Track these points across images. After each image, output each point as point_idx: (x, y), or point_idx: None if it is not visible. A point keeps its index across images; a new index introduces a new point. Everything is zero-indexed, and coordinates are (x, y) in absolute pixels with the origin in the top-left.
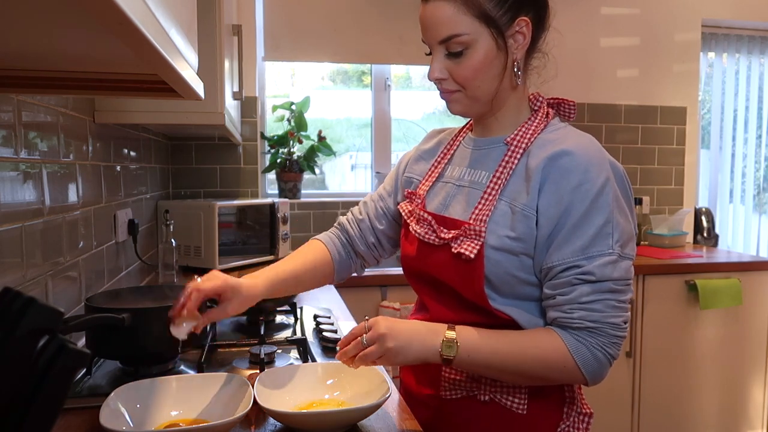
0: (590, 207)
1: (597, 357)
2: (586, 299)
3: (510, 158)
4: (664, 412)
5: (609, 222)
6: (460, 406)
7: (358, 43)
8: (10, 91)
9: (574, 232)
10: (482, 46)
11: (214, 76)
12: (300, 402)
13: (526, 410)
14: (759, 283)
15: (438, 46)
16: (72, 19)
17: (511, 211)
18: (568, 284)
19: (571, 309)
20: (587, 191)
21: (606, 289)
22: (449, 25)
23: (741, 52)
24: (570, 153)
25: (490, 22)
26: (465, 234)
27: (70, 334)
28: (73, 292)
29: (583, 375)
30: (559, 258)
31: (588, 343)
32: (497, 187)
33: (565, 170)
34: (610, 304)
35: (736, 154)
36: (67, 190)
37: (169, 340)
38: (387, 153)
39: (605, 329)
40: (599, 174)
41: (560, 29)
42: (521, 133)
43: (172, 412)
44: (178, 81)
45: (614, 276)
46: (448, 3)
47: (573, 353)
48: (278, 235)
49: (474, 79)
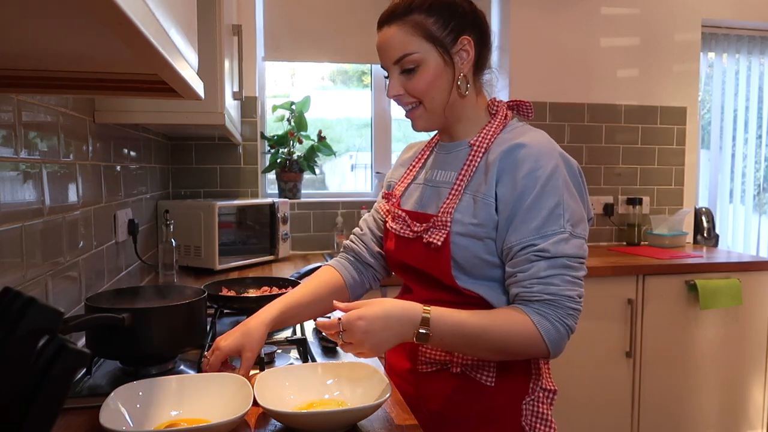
0: (542, 191)
1: (557, 328)
2: (543, 274)
3: (473, 157)
4: (664, 412)
5: (560, 204)
6: (435, 378)
7: (358, 43)
8: (10, 91)
9: (528, 214)
10: (431, 63)
11: (214, 76)
12: (300, 402)
13: (494, 383)
14: (759, 283)
15: (393, 67)
16: (72, 19)
17: (474, 201)
18: (526, 261)
19: (531, 284)
20: (538, 177)
21: (560, 264)
22: (401, 46)
23: (741, 52)
24: (523, 145)
25: (436, 42)
26: (434, 225)
27: (70, 334)
28: (73, 292)
29: (546, 345)
30: (517, 238)
31: (548, 315)
32: (462, 183)
33: (519, 160)
34: (565, 278)
35: (736, 154)
36: (67, 190)
37: (169, 340)
38: (387, 153)
39: (562, 301)
40: (549, 162)
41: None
42: (483, 135)
43: (172, 412)
44: (178, 81)
45: (567, 252)
46: (398, 28)
47: (537, 325)
48: (278, 235)
49: (428, 92)
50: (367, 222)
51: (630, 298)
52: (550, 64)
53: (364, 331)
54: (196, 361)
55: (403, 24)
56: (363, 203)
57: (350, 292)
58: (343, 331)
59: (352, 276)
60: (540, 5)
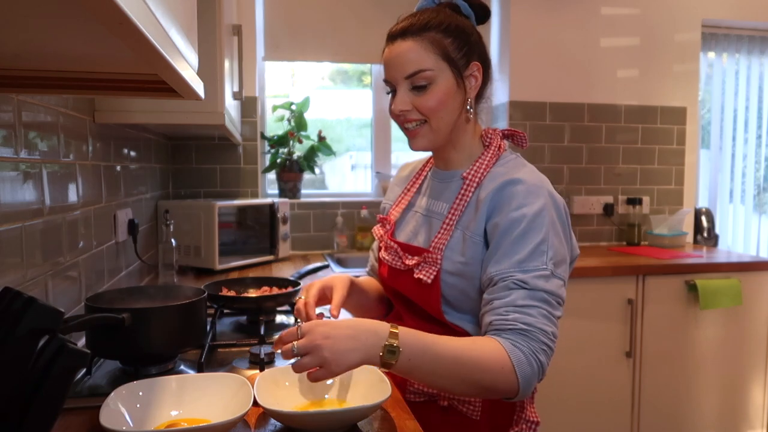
0: (528, 227)
1: (530, 362)
2: (521, 302)
3: (465, 191)
4: (664, 412)
5: (544, 241)
6: (423, 409)
7: (358, 43)
8: (10, 91)
9: (512, 248)
10: (444, 82)
11: (214, 76)
12: (300, 402)
13: (480, 417)
14: (759, 283)
15: (403, 82)
16: (72, 19)
17: (464, 239)
18: (505, 288)
19: (507, 311)
20: (525, 213)
21: (540, 298)
22: (416, 61)
23: (741, 52)
24: (514, 182)
25: (451, 62)
26: (425, 261)
27: (70, 334)
28: (73, 292)
29: (517, 378)
30: (498, 270)
31: (521, 347)
32: (454, 217)
33: (508, 197)
34: (542, 312)
35: (736, 154)
36: (67, 190)
37: (169, 340)
38: (387, 153)
39: (536, 334)
40: (537, 199)
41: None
42: (475, 168)
43: (172, 412)
44: (178, 81)
45: (547, 288)
46: (415, 42)
47: (510, 354)
48: (278, 235)
49: (438, 111)
50: (374, 252)
51: (630, 298)
52: (550, 64)
53: (325, 335)
54: (196, 361)
55: (420, 39)
56: (363, 203)
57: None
58: (301, 336)
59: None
60: (540, 5)
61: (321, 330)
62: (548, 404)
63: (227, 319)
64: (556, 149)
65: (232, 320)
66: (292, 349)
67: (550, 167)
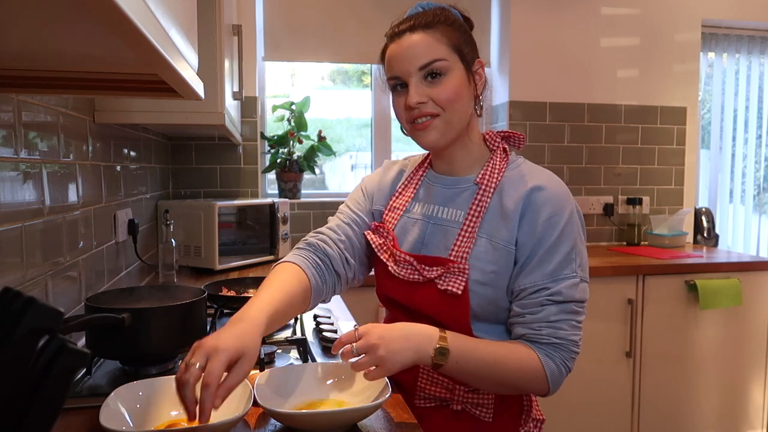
0: (559, 236)
1: (560, 370)
2: (553, 318)
3: (482, 197)
4: (664, 412)
5: (573, 248)
6: (433, 415)
7: (358, 43)
8: (10, 91)
9: (544, 258)
10: (457, 73)
11: (214, 76)
12: (300, 402)
13: (492, 419)
14: (759, 283)
15: (417, 73)
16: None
17: (493, 248)
18: (537, 305)
19: (540, 327)
20: (557, 223)
21: (569, 310)
22: (430, 51)
23: (741, 52)
24: (542, 188)
25: (462, 55)
26: (449, 271)
27: (70, 334)
28: (73, 292)
29: (548, 384)
30: (530, 281)
31: (554, 357)
32: (474, 224)
33: (539, 204)
34: (571, 323)
35: (736, 154)
36: (67, 190)
37: (169, 340)
38: (387, 153)
39: (567, 345)
40: (566, 207)
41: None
42: (488, 173)
43: (172, 412)
44: (178, 81)
45: (576, 297)
46: (425, 34)
47: (544, 365)
48: (278, 235)
49: (455, 101)
50: (343, 229)
51: (630, 298)
52: (550, 64)
53: (380, 336)
54: None
55: (432, 32)
56: None
57: (312, 299)
58: (358, 338)
59: (317, 281)
60: (540, 5)
61: (377, 331)
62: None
63: (227, 319)
64: (556, 149)
65: None
66: (351, 350)
67: (550, 167)
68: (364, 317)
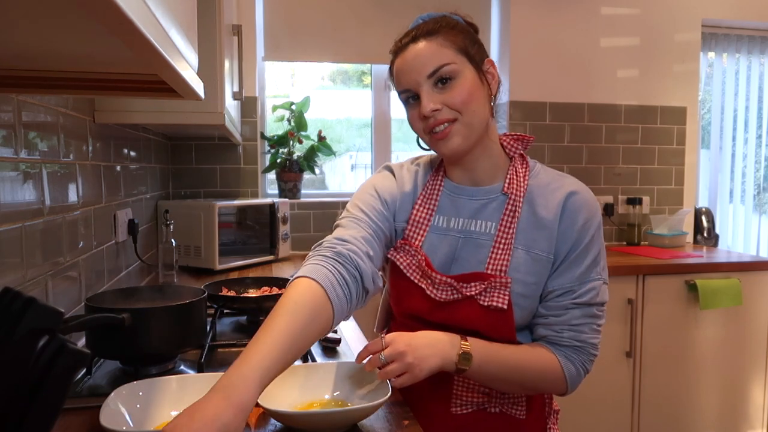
0: (590, 241)
1: (579, 372)
2: (576, 322)
3: (514, 207)
4: (664, 412)
5: (600, 252)
6: (470, 419)
7: (358, 43)
8: (10, 91)
9: (575, 262)
10: (468, 75)
11: (214, 76)
12: (300, 402)
13: (525, 415)
14: (759, 283)
15: (426, 81)
16: (72, 19)
17: (532, 259)
18: (562, 308)
19: (562, 329)
20: (589, 228)
21: (591, 314)
22: (437, 57)
23: (741, 52)
24: (576, 193)
25: (470, 57)
26: (491, 286)
27: (70, 334)
28: (73, 292)
29: (567, 386)
30: (558, 284)
31: (574, 360)
32: (508, 236)
33: (574, 210)
34: (593, 327)
35: (736, 154)
36: (67, 190)
37: (169, 340)
38: (387, 153)
39: (587, 348)
40: (597, 211)
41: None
42: (514, 182)
43: (172, 412)
44: (178, 81)
45: (598, 300)
46: (429, 42)
47: (563, 367)
48: (278, 235)
49: (470, 102)
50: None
51: (630, 298)
52: (550, 64)
53: (407, 343)
54: (196, 361)
55: (435, 38)
56: None
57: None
58: (385, 347)
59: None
60: (540, 5)
61: (403, 339)
62: None
63: (227, 319)
64: (556, 149)
65: (232, 320)
66: (379, 358)
67: (551, 167)
68: (364, 317)
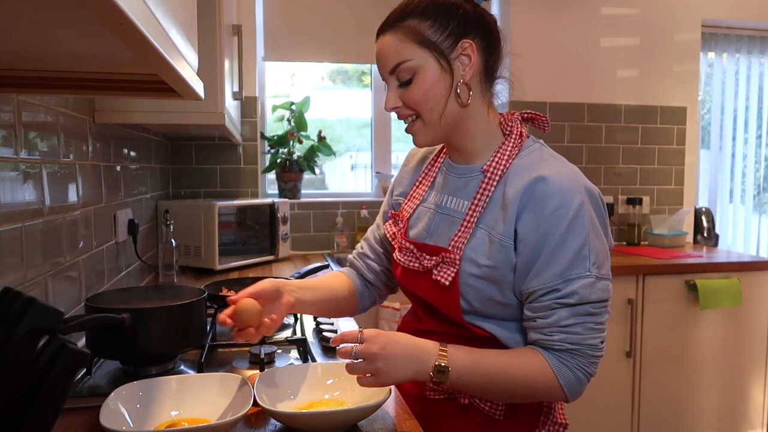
0: (567, 231)
1: (578, 377)
2: (565, 323)
3: (487, 186)
4: (664, 412)
5: (585, 245)
6: (443, 407)
7: (358, 43)
8: (10, 91)
9: (552, 257)
10: (428, 71)
11: (214, 76)
12: (300, 402)
13: (503, 416)
14: (759, 283)
15: (390, 77)
16: (72, 19)
17: (489, 240)
18: (547, 308)
19: (551, 332)
20: (563, 216)
21: (584, 312)
22: (394, 54)
23: (741, 52)
24: (545, 179)
25: (432, 47)
26: (443, 261)
27: (70, 334)
28: (73, 292)
29: (565, 394)
30: (539, 283)
31: (569, 364)
32: (475, 214)
33: (542, 197)
34: (588, 326)
35: (736, 154)
36: (67, 190)
37: (169, 340)
38: (387, 153)
39: (584, 350)
40: (574, 198)
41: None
42: (497, 160)
43: (172, 412)
44: (178, 81)
45: (592, 298)
46: (391, 36)
47: (557, 374)
48: (278, 235)
49: (425, 102)
50: (368, 240)
51: (630, 298)
52: (550, 64)
53: (382, 347)
54: (196, 361)
55: (396, 31)
56: (363, 203)
57: (359, 300)
58: (360, 342)
59: (360, 285)
60: (540, 5)
61: (380, 341)
62: None
63: None
64: (556, 149)
65: None
66: (350, 351)
67: None
68: (363, 316)
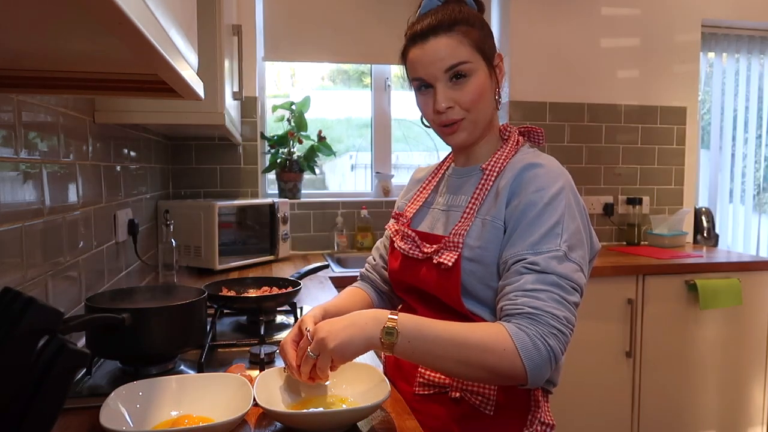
0: (544, 209)
1: (536, 345)
2: (530, 287)
3: (485, 182)
4: (664, 412)
5: (559, 224)
6: (433, 402)
7: (358, 43)
8: (10, 91)
9: (527, 230)
10: (481, 73)
11: (214, 76)
12: (300, 402)
13: (493, 412)
14: (759, 283)
15: (442, 77)
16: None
17: (482, 224)
18: (516, 273)
19: (516, 296)
20: (542, 195)
21: (550, 281)
22: (455, 54)
23: (741, 52)
24: (533, 165)
25: (483, 53)
26: (445, 246)
27: (70, 334)
28: (73, 292)
29: (523, 363)
30: (511, 253)
31: (528, 330)
32: (474, 207)
33: (527, 180)
34: (552, 296)
35: (736, 154)
36: (67, 190)
37: (169, 340)
38: (387, 153)
39: (545, 317)
40: (555, 182)
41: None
42: (495, 159)
43: (172, 412)
44: (178, 81)
45: (559, 271)
46: (449, 37)
47: (513, 336)
48: (278, 235)
49: (479, 102)
50: (378, 250)
51: (630, 298)
52: (550, 64)
53: (327, 330)
54: (196, 361)
55: (454, 34)
56: (363, 203)
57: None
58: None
59: (376, 297)
60: (540, 5)
61: (324, 327)
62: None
63: (227, 319)
64: (556, 149)
65: (232, 320)
66: (309, 356)
67: None
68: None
